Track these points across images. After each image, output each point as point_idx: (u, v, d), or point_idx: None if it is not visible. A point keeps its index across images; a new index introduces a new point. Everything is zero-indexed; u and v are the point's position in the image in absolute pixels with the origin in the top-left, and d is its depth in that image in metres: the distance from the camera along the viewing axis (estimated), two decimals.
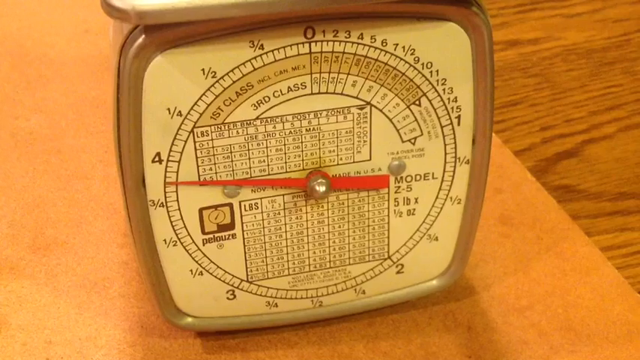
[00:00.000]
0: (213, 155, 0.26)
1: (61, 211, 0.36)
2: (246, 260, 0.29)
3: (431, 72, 0.27)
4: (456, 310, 0.33)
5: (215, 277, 0.29)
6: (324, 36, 0.25)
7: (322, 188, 0.27)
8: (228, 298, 0.29)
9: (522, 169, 0.40)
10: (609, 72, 0.50)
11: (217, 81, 0.25)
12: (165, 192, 0.26)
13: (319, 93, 0.26)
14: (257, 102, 0.26)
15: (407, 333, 0.32)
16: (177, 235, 0.27)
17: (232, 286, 0.29)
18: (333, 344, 0.31)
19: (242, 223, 0.28)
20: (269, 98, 0.26)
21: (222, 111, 0.25)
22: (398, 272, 0.31)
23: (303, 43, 0.25)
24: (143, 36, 0.23)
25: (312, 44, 0.25)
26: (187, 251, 0.28)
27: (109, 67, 0.43)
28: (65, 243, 0.35)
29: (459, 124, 0.28)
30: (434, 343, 0.31)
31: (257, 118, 0.26)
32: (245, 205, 0.28)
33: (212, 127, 0.26)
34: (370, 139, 0.28)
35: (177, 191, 0.26)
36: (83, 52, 0.47)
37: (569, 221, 0.37)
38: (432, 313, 0.32)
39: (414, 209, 0.30)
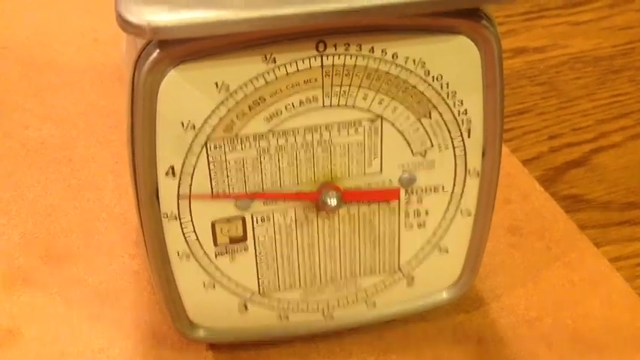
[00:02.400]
0: (226, 168, 0.26)
1: (73, 222, 0.37)
2: (258, 272, 0.29)
3: (441, 85, 0.27)
4: (466, 321, 0.33)
5: (227, 289, 0.29)
6: (335, 49, 0.25)
7: (333, 201, 0.27)
8: (240, 311, 0.30)
9: (531, 179, 0.40)
10: (616, 80, 0.50)
11: (230, 95, 0.25)
12: (178, 205, 0.26)
13: (331, 106, 0.27)
14: (269, 115, 0.26)
15: (417, 346, 0.32)
16: (189, 247, 0.27)
17: (244, 298, 0.29)
18: (344, 357, 0.31)
19: (254, 236, 0.28)
20: (281, 111, 0.26)
21: (235, 124, 0.26)
22: (408, 284, 0.32)
23: (315, 56, 0.25)
24: (157, 50, 0.24)
25: (324, 57, 0.25)
26: (200, 263, 0.28)
27: (120, 78, 0.43)
28: (77, 254, 0.35)
29: (469, 136, 0.28)
30: (444, 356, 0.31)
31: (269, 131, 0.26)
32: (257, 218, 0.28)
33: (225, 141, 0.26)
34: (381, 151, 0.28)
35: (190, 204, 0.26)
36: (92, 60, 0.48)
37: (578, 231, 0.37)
38: (442, 325, 0.32)
39: (425, 221, 0.30)
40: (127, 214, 0.37)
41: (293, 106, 0.26)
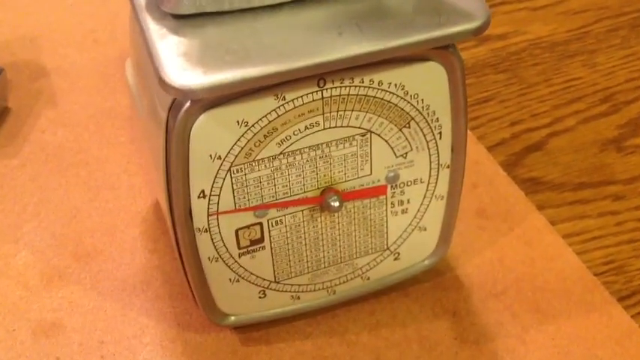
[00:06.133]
0: (246, 186, 0.31)
1: (96, 222, 0.41)
2: (273, 265, 0.34)
3: (417, 101, 0.32)
4: (443, 298, 0.39)
5: (249, 282, 0.34)
6: (333, 84, 0.30)
7: (336, 204, 0.33)
8: (259, 297, 0.35)
9: (495, 164, 0.46)
10: (570, 65, 0.55)
11: (249, 128, 0.30)
12: (208, 221, 0.31)
13: (330, 128, 0.32)
14: (281, 141, 0.31)
15: (403, 320, 0.38)
16: (218, 252, 0.32)
17: (263, 287, 0.35)
18: (342, 332, 0.37)
19: (270, 237, 0.33)
20: (290, 137, 0.31)
21: (253, 151, 0.31)
22: (395, 259, 0.37)
23: (316, 91, 0.30)
24: (189, 103, 0.28)
25: (324, 91, 0.30)
26: (226, 264, 0.33)
27: (121, 80, 0.47)
28: (103, 251, 0.40)
29: (440, 138, 0.34)
30: (425, 328, 0.37)
31: (281, 153, 0.31)
32: (272, 222, 0.33)
33: (245, 165, 0.31)
34: (371, 158, 0.33)
35: (217, 219, 0.32)
36: (95, 62, 0.51)
37: (536, 212, 0.43)
38: (423, 301, 0.38)
39: (407, 208, 0.36)
40: (142, 213, 0.42)
41: (299, 130, 0.31)
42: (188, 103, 0.28)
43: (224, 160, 0.30)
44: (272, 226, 0.33)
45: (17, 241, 0.40)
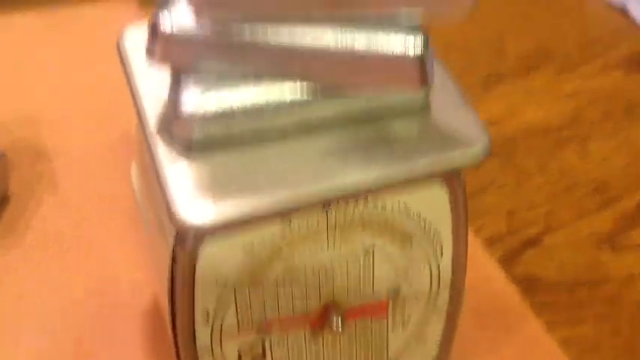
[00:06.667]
0: (250, 307, 0.32)
1: (96, 318, 0.41)
2: None
3: (419, 219, 0.33)
4: None
5: None
6: (337, 206, 0.31)
7: (338, 323, 0.33)
8: None
9: (491, 262, 0.46)
10: (564, 152, 0.55)
11: (254, 252, 0.30)
12: (211, 341, 0.32)
13: (333, 248, 0.32)
14: (285, 261, 0.31)
15: None
16: None
17: None
18: None
19: (271, 353, 0.34)
20: (294, 257, 0.31)
21: (257, 273, 0.31)
22: None
23: (321, 214, 0.31)
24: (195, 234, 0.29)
25: (328, 213, 0.31)
26: None
27: (125, 163, 0.47)
28: (103, 353, 0.39)
29: (441, 254, 0.35)
30: None
31: (284, 273, 0.32)
32: (274, 341, 0.33)
33: (250, 287, 0.31)
34: (373, 276, 0.34)
35: (220, 339, 0.32)
36: (93, 139, 0.52)
37: (532, 314, 0.43)
38: None
39: (407, 322, 0.36)
40: (142, 313, 0.42)
41: (304, 251, 0.31)
42: (194, 235, 0.29)
43: (229, 282, 0.31)
44: (274, 344, 0.33)
45: (17, 344, 0.40)
